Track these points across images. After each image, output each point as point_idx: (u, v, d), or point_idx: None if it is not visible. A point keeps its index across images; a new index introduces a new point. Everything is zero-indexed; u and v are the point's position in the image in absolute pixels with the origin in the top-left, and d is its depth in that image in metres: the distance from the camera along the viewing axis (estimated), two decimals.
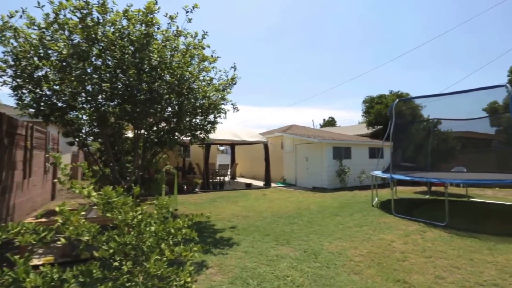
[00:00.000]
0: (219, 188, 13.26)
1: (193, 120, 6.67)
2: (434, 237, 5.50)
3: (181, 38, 5.52)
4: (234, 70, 6.48)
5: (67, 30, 4.59)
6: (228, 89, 6.61)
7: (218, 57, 6.10)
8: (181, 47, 5.56)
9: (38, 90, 5.00)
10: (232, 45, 76.25)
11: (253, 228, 6.11)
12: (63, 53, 4.48)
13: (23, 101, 5.02)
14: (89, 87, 4.92)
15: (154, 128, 6.42)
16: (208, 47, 5.91)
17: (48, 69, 4.82)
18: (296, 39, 64.95)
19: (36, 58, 4.65)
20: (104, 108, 5.29)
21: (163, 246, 1.76)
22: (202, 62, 5.98)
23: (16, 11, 4.48)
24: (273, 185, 14.49)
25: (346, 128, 28.13)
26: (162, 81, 5.28)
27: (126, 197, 1.76)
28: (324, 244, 5.05)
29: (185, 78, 5.56)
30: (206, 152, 12.88)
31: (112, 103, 5.40)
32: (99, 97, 5.18)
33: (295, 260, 4.28)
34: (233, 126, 14.81)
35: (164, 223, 1.93)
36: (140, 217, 1.78)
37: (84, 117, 5.78)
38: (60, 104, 5.25)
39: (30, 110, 5.24)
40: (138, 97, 5.12)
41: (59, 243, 1.76)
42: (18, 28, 4.56)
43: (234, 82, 6.57)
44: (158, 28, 5.07)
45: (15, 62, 4.62)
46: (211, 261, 4.25)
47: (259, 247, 4.88)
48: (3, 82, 4.80)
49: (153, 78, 5.20)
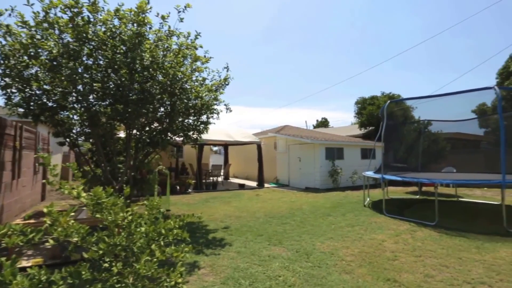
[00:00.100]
0: (212, 189, 13.23)
1: (186, 121, 6.64)
2: (424, 237, 5.59)
3: (174, 38, 5.50)
4: (227, 71, 6.49)
5: (57, 29, 4.53)
6: (221, 90, 6.61)
7: (211, 58, 6.09)
8: (174, 47, 5.54)
9: (28, 90, 4.92)
10: (226, 46, 76.21)
11: (246, 229, 6.12)
12: (53, 52, 4.42)
13: (12, 101, 4.93)
14: (80, 87, 4.86)
15: (147, 129, 6.37)
16: (201, 47, 5.90)
17: (38, 68, 4.75)
18: (291, 40, 65.23)
19: (26, 57, 4.58)
20: (96, 108, 5.23)
21: (154, 247, 1.75)
22: (195, 62, 5.97)
23: (6, 9, 4.41)
24: (266, 186, 14.52)
25: (339, 129, 28.33)
26: (155, 81, 5.25)
27: (116, 198, 1.75)
28: (316, 244, 5.08)
29: (178, 78, 5.53)
30: (199, 153, 12.84)
31: (104, 103, 5.35)
32: (90, 97, 5.12)
33: (287, 260, 4.30)
34: (226, 127, 14.81)
35: (155, 224, 1.92)
36: (130, 218, 1.77)
37: (75, 117, 5.71)
38: (50, 104, 5.17)
39: (19, 110, 5.15)
40: (130, 97, 5.09)
41: (48, 245, 1.74)
42: (11, 25, 4.48)
43: (227, 83, 6.57)
44: (150, 28, 5.04)
45: (4, 61, 4.54)
46: (203, 262, 4.24)
47: (252, 247, 4.89)
48: None
49: (145, 78, 5.17)
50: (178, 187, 12.38)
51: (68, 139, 5.83)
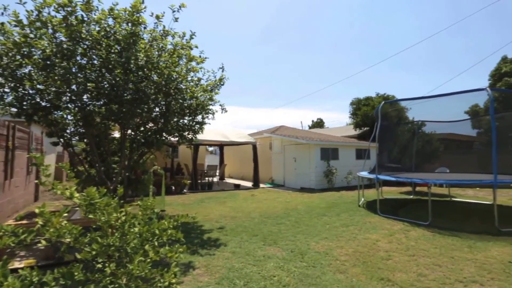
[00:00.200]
0: (208, 189, 13.21)
1: (181, 121, 6.62)
2: (418, 236, 5.64)
3: (169, 38, 5.49)
4: (222, 71, 6.48)
5: (51, 28, 4.49)
6: (216, 90, 6.60)
7: (206, 58, 6.08)
8: (169, 47, 5.52)
9: (21, 89, 4.86)
10: (221, 46, 76.11)
11: (241, 229, 6.12)
12: (47, 52, 4.38)
13: (5, 100, 4.87)
14: (74, 87, 4.82)
15: (142, 129, 6.34)
16: (196, 48, 5.89)
17: (31, 68, 4.70)
18: (287, 41, 65.37)
19: (19, 56, 4.53)
20: (90, 108, 5.19)
21: (147, 248, 1.75)
22: (190, 62, 5.95)
23: None
24: (262, 186, 14.53)
25: (334, 130, 28.47)
26: (149, 81, 5.22)
27: (110, 198, 1.74)
28: (311, 244, 5.10)
29: (173, 78, 5.52)
30: (195, 153, 12.81)
31: (98, 103, 5.31)
32: (84, 97, 5.08)
33: (282, 260, 4.31)
34: (222, 127, 14.80)
35: (149, 224, 1.92)
36: (124, 218, 1.76)
37: (69, 117, 5.66)
38: (44, 104, 5.12)
39: (12, 110, 5.09)
40: (125, 97, 5.06)
41: (40, 245, 1.72)
42: (5, 24, 4.43)
43: (222, 83, 6.56)
44: (145, 28, 5.02)
45: None
46: (198, 262, 4.24)
47: (247, 248, 4.90)
48: None
49: (140, 78, 5.14)
50: (174, 187, 12.33)
51: (62, 139, 5.78)
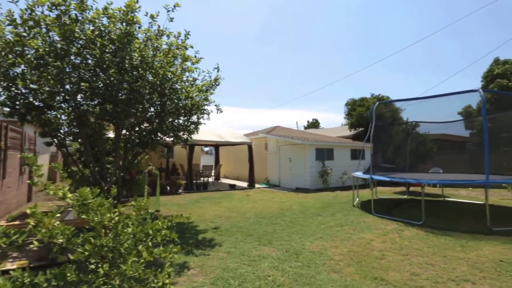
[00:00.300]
0: (203, 189, 13.18)
1: (176, 121, 6.60)
2: (411, 236, 5.69)
3: (164, 38, 5.47)
4: (218, 71, 6.47)
5: (44, 27, 4.45)
6: (211, 90, 6.59)
7: (202, 58, 6.07)
8: (164, 47, 5.51)
9: (14, 88, 4.81)
10: (217, 47, 75.96)
11: (236, 229, 6.12)
12: (40, 51, 4.34)
13: None
14: (68, 86, 4.78)
15: (136, 129, 6.31)
16: (192, 48, 5.87)
17: (24, 67, 4.65)
18: (283, 42, 65.46)
19: (11, 55, 4.48)
20: (84, 108, 5.16)
21: (141, 248, 1.75)
22: (185, 62, 5.94)
23: None
24: (257, 186, 14.54)
25: (329, 130, 28.57)
26: (144, 81, 5.20)
27: (103, 199, 1.74)
28: (306, 244, 5.12)
29: (168, 78, 5.50)
30: (190, 153, 12.77)
31: (92, 103, 5.28)
32: (78, 97, 5.04)
33: (277, 260, 4.33)
34: (217, 127, 14.77)
35: (143, 225, 1.92)
36: (117, 219, 1.76)
37: (63, 117, 5.62)
38: (37, 103, 5.07)
39: (5, 109, 5.03)
40: (120, 97, 5.03)
41: (33, 246, 1.71)
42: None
43: (217, 83, 6.55)
44: (139, 27, 5.00)
45: None
46: (193, 262, 4.23)
47: (242, 248, 4.90)
48: None
49: (135, 78, 5.12)
50: (169, 188, 12.29)
51: (56, 139, 5.73)
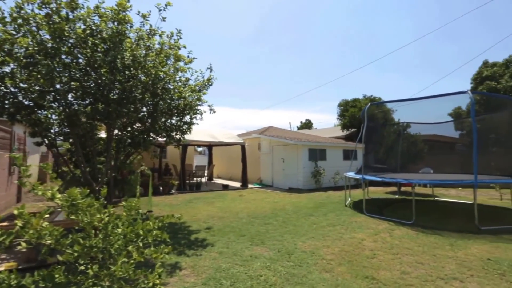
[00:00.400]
0: (196, 189, 13.13)
1: (169, 121, 6.57)
2: (402, 235, 5.77)
3: (156, 37, 5.44)
4: (210, 71, 6.46)
5: (35, 26, 4.38)
6: (204, 90, 6.58)
7: (194, 58, 6.06)
8: (156, 47, 5.48)
9: (2, 87, 4.73)
10: (212, 47, 75.77)
11: (229, 229, 6.12)
12: (29, 49, 4.28)
13: None
14: (58, 85, 4.72)
15: (129, 129, 6.26)
16: (184, 48, 5.86)
17: (14, 66, 4.58)
18: (276, 42, 65.61)
19: (0, 54, 4.40)
20: (75, 107, 5.10)
21: (131, 249, 1.74)
22: (178, 62, 5.92)
23: None
24: (250, 186, 14.54)
25: (322, 131, 28.73)
26: (136, 81, 5.17)
27: (92, 199, 1.72)
28: (298, 244, 5.15)
29: (160, 78, 5.47)
30: (183, 153, 12.72)
31: (84, 102, 5.22)
32: (69, 96, 4.98)
33: (269, 260, 4.34)
34: (210, 127, 14.72)
35: (133, 225, 1.91)
36: (107, 219, 1.75)
37: (54, 117, 5.54)
38: (27, 103, 5.00)
39: None
40: (111, 97, 4.99)
41: (20, 248, 1.69)
42: None
43: (210, 83, 6.55)
44: (131, 27, 4.96)
45: None
46: (185, 263, 4.22)
47: (234, 248, 4.90)
48: None
49: (127, 77, 5.08)
50: (161, 188, 12.21)
51: (46, 139, 5.65)
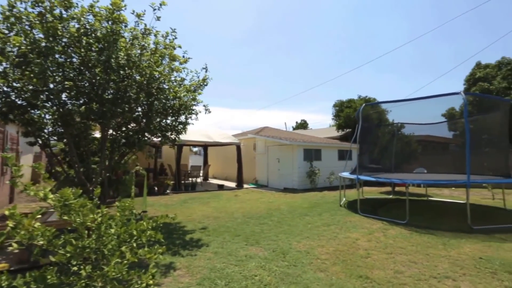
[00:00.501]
0: (191, 190, 13.09)
1: (164, 121, 6.54)
2: (396, 235, 5.82)
3: (151, 37, 5.42)
4: (206, 71, 6.46)
5: (28, 25, 4.33)
6: (200, 90, 6.57)
7: (190, 58, 6.06)
8: (151, 46, 5.45)
9: None
10: (207, 48, 75.60)
11: (224, 229, 6.12)
12: (22, 48, 4.23)
13: None
14: (52, 85, 4.67)
15: (123, 129, 6.22)
16: (180, 48, 5.84)
17: (6, 65, 4.52)
18: (272, 43, 65.69)
19: None
20: (69, 107, 5.05)
21: (124, 249, 1.73)
22: (173, 62, 5.90)
23: None
24: (245, 186, 14.54)
25: (317, 131, 28.84)
26: (131, 80, 5.14)
27: (85, 199, 1.71)
28: (293, 243, 5.17)
29: (155, 78, 5.45)
30: (178, 153, 12.67)
31: (78, 102, 5.17)
32: (63, 95, 4.93)
33: (264, 260, 4.35)
34: (206, 127, 14.69)
35: (127, 225, 1.90)
36: (100, 220, 1.74)
37: (47, 116, 5.48)
38: (20, 102, 4.94)
39: None
40: (106, 96, 4.95)
41: (11, 249, 1.67)
42: None
43: (206, 83, 6.54)
44: (126, 26, 4.93)
45: None
46: (179, 263, 4.21)
47: (229, 248, 4.90)
48: None
49: (121, 77, 5.05)
50: (156, 188, 12.16)
51: (39, 139, 5.58)
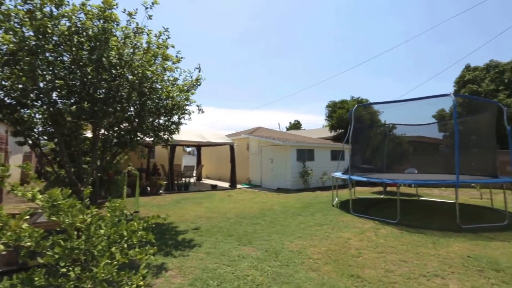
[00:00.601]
0: (184, 190, 13.04)
1: (156, 121, 6.50)
2: (387, 234, 5.89)
3: (144, 36, 5.38)
4: (199, 71, 6.44)
5: (17, 23, 4.26)
6: (193, 90, 6.54)
7: (183, 58, 6.02)
8: (144, 46, 5.41)
9: None
10: (200, 48, 75.33)
11: (216, 229, 6.11)
12: (10, 46, 4.16)
13: None
14: (42, 84, 4.60)
15: (115, 128, 6.16)
16: (173, 47, 5.81)
17: None
18: (266, 43, 65.79)
19: None
20: (59, 106, 4.98)
21: (114, 250, 1.72)
22: (165, 62, 5.87)
23: None
24: (239, 186, 14.54)
25: (311, 131, 28.99)
26: (123, 80, 5.09)
27: (74, 200, 1.69)
28: (285, 243, 5.19)
29: (147, 77, 5.41)
30: (171, 153, 12.60)
31: (69, 101, 5.10)
32: (54, 94, 4.86)
33: (256, 260, 4.36)
34: (199, 127, 14.64)
35: (117, 226, 1.89)
36: (90, 220, 1.72)
37: (37, 116, 5.40)
38: (9, 101, 4.85)
39: None
40: (97, 96, 4.90)
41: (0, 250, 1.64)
42: None
43: (199, 83, 6.52)
44: (118, 25, 4.89)
45: None
46: (171, 263, 4.19)
47: (221, 248, 4.90)
48: None
49: (113, 76, 5.00)
50: (149, 188, 12.08)
51: (29, 139, 5.50)
